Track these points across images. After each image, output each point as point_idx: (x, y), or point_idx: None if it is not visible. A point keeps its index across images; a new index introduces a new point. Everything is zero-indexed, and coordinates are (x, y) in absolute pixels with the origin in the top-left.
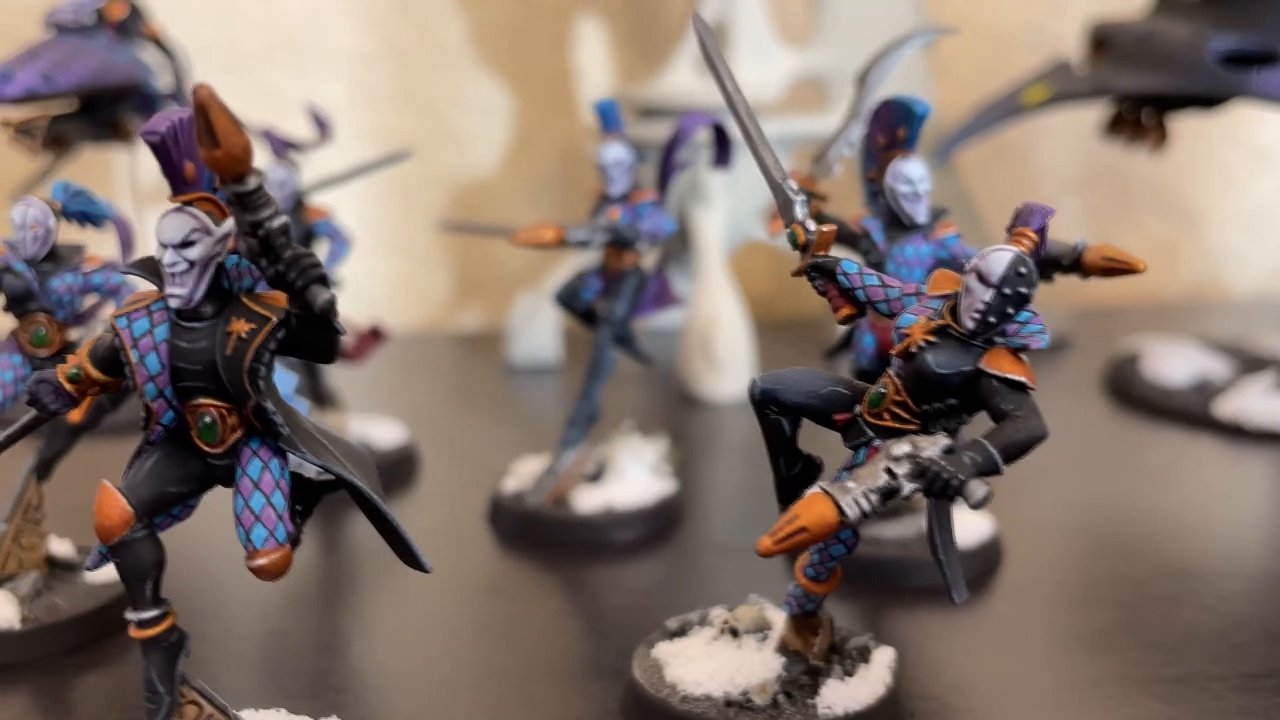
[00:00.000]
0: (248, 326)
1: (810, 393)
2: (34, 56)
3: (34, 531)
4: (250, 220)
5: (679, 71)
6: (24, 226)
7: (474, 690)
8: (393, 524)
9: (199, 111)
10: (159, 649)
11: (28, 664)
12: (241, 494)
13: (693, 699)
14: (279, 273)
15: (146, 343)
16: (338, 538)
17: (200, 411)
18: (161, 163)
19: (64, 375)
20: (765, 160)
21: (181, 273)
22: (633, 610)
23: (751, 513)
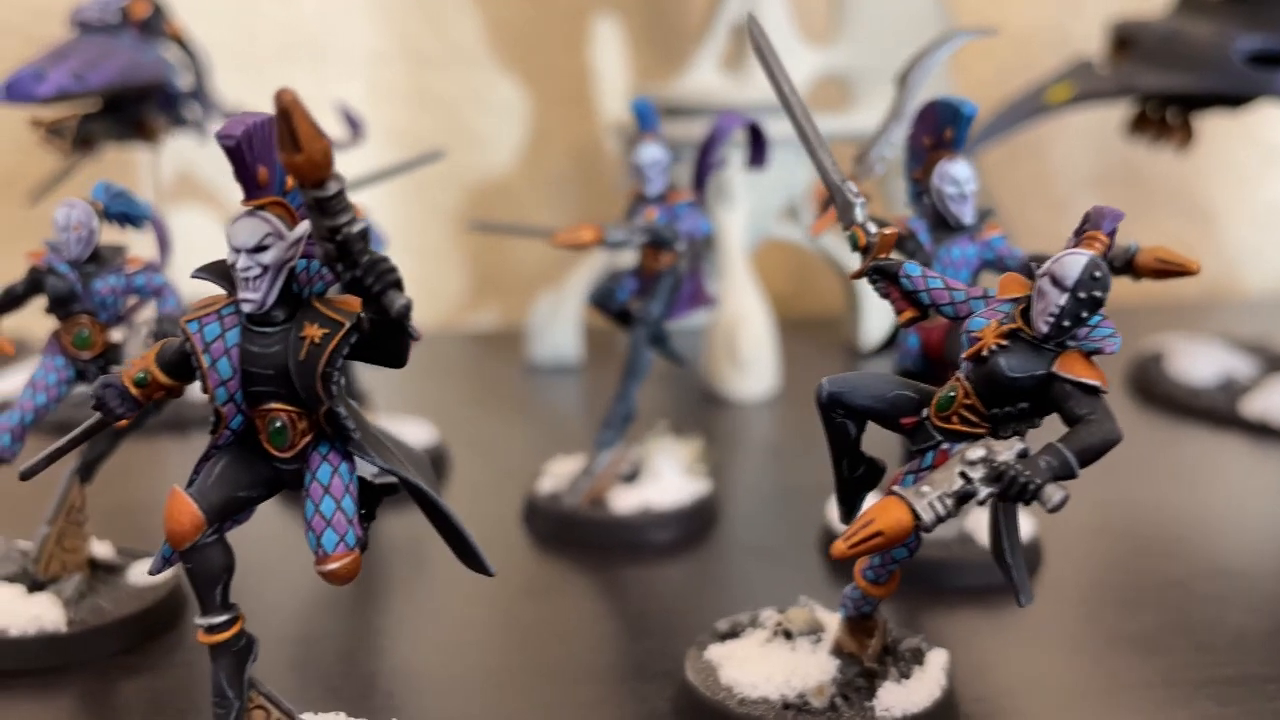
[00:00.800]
0: (321, 331)
1: (878, 396)
2: (63, 56)
3: (77, 534)
4: (329, 225)
5: (702, 70)
6: (67, 228)
7: (525, 692)
8: (457, 527)
9: (281, 116)
10: (228, 654)
11: (74, 667)
12: (311, 499)
13: (750, 701)
14: (355, 278)
15: (218, 347)
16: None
17: (271, 416)
18: (235, 166)
19: (130, 379)
20: (824, 162)
21: (255, 277)
22: (674, 611)
23: (783, 513)
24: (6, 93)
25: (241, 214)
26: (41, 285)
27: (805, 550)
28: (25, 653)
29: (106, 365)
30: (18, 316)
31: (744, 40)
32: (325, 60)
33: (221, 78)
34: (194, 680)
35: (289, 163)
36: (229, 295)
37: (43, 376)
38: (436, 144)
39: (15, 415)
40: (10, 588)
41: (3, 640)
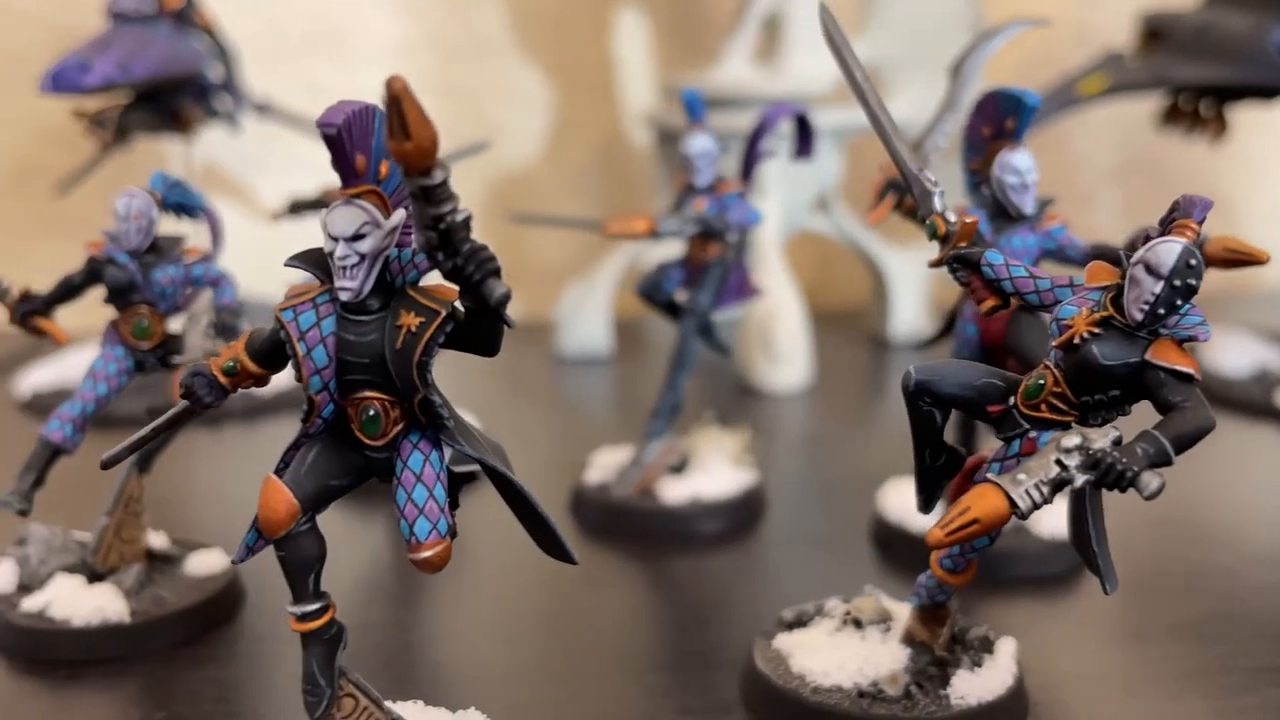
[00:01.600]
0: (417, 320)
1: (966, 384)
2: (106, 46)
3: (135, 524)
4: (434, 214)
5: (733, 62)
6: (127, 218)
7: (596, 681)
8: (542, 515)
9: (392, 103)
10: (320, 642)
11: (137, 657)
12: (404, 487)
13: (824, 690)
14: (456, 266)
15: (314, 336)
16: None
17: (364, 404)
18: (334, 154)
19: (219, 368)
20: (900, 152)
21: (352, 266)
22: (731, 602)
23: (829, 503)
24: (53, 83)
25: (338, 203)
26: (100, 275)
27: (855, 540)
28: (89, 643)
29: (165, 355)
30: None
31: (775, 32)
32: (349, 51)
33: (246, 68)
34: (256, 670)
35: (398, 150)
36: (322, 283)
37: (103, 367)
38: (461, 136)
39: (76, 406)
40: (70, 579)
41: (67, 631)
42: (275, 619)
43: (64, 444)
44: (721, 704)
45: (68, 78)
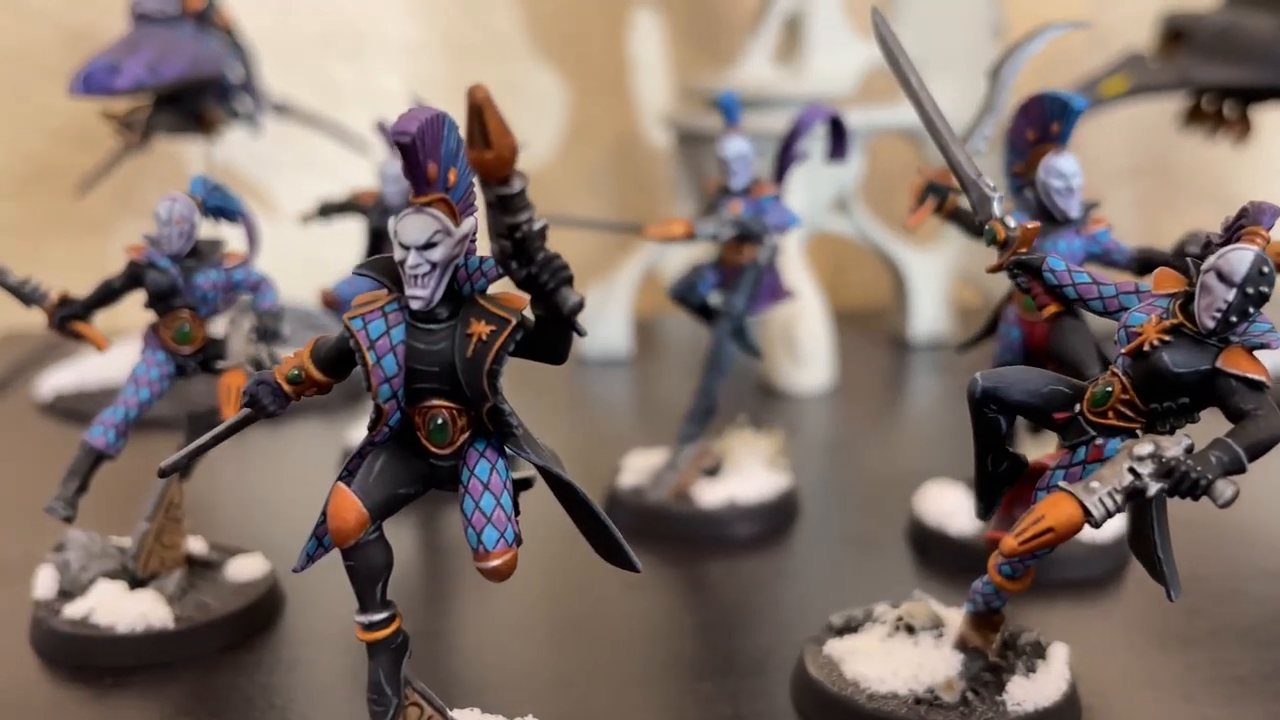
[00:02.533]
0: (488, 328)
1: (1033, 391)
2: (134, 48)
3: (175, 530)
4: (510, 223)
5: (753, 63)
6: (169, 222)
7: (644, 686)
8: (604, 522)
9: (473, 112)
10: (386, 651)
11: (181, 663)
12: (471, 495)
13: (879, 697)
14: (531, 274)
15: (384, 344)
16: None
17: (432, 413)
18: (407, 162)
19: (283, 376)
20: (957, 157)
21: (424, 274)
22: (772, 606)
23: (863, 506)
24: (83, 85)
25: (409, 211)
26: (141, 280)
27: (892, 543)
28: (134, 650)
29: (207, 360)
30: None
31: (796, 33)
32: (364, 51)
33: (261, 69)
34: (301, 675)
35: (478, 159)
36: (390, 292)
37: (145, 372)
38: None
39: (120, 411)
40: (112, 585)
41: (111, 637)
42: (315, 623)
43: (107, 449)
44: (773, 710)
45: (98, 80)
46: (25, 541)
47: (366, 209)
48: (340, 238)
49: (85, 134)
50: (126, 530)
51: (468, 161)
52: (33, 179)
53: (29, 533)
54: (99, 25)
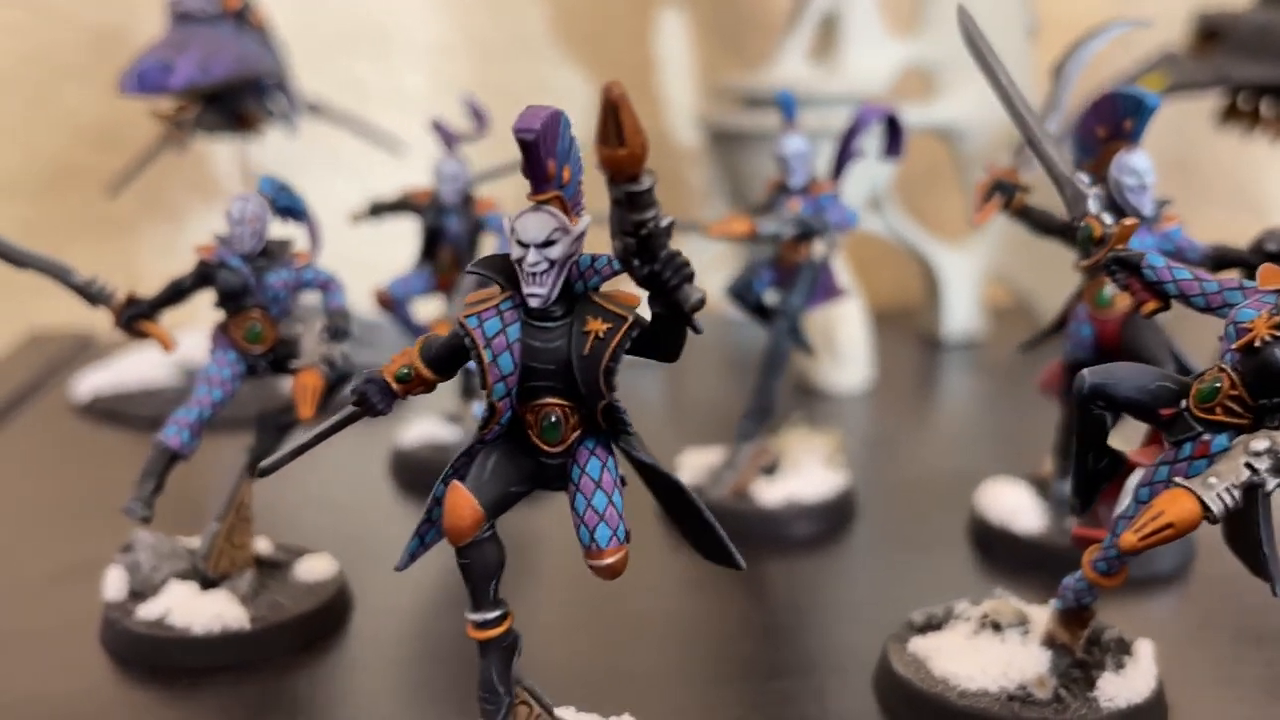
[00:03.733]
0: (605, 326)
1: (1141, 388)
2: (182, 47)
3: (245, 530)
4: (636, 220)
5: (788, 61)
6: (242, 221)
7: (727, 685)
8: (709, 521)
9: (608, 109)
10: (498, 649)
11: (257, 664)
12: (583, 493)
13: (971, 694)
14: (654, 271)
15: (500, 342)
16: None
17: (545, 411)
18: (529, 160)
19: (392, 374)
20: (1049, 155)
21: (542, 272)
22: (838, 604)
23: (917, 504)
24: (137, 83)
25: (527, 209)
26: (211, 279)
27: (953, 541)
28: (210, 650)
29: (279, 359)
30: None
31: (831, 31)
32: (389, 51)
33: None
34: (371, 677)
35: (610, 156)
36: (503, 290)
37: (217, 372)
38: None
39: (194, 411)
40: (184, 585)
41: (187, 638)
42: (384, 622)
43: (181, 449)
44: (858, 709)
45: (152, 78)
46: (83, 544)
47: (421, 208)
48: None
49: (108, 135)
50: (179, 530)
51: (599, 158)
52: (55, 180)
53: (87, 535)
54: (121, 26)
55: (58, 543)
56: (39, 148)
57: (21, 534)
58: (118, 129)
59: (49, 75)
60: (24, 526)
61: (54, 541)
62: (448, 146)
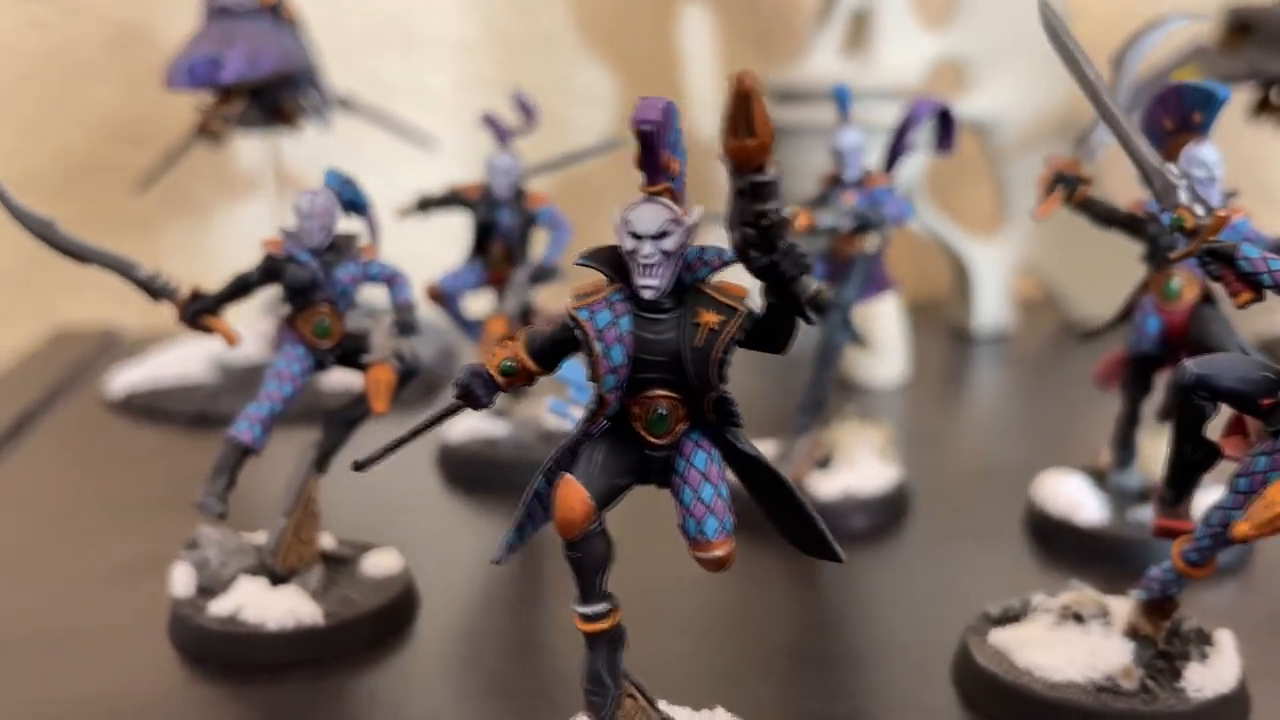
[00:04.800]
0: (717, 318)
1: (1242, 378)
2: (229, 42)
3: (313, 525)
4: (758, 210)
5: (821, 56)
6: (311, 215)
7: (808, 677)
8: (810, 514)
9: (740, 100)
10: (605, 642)
11: (330, 659)
12: (689, 485)
13: (1059, 685)
14: (772, 263)
15: (611, 334)
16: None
17: (653, 403)
18: (646, 151)
19: (496, 367)
20: (1138, 147)
21: (656, 264)
22: (904, 597)
23: (969, 496)
24: (188, 78)
25: (641, 200)
26: (279, 274)
27: (1009, 533)
28: (286, 646)
29: (346, 354)
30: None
31: (862, 25)
32: (413, 48)
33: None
34: (443, 673)
35: (739, 147)
36: (611, 282)
37: (287, 367)
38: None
39: (265, 407)
40: (254, 581)
41: (262, 634)
42: (448, 618)
43: (254, 445)
44: (939, 701)
45: (201, 72)
46: (139, 540)
47: (472, 202)
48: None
49: (131, 130)
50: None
51: (727, 149)
52: (78, 176)
53: (142, 532)
54: (144, 21)
55: (113, 540)
56: (62, 143)
57: (74, 531)
58: (141, 124)
59: (72, 71)
60: (75, 524)
61: (109, 538)
62: (500, 141)
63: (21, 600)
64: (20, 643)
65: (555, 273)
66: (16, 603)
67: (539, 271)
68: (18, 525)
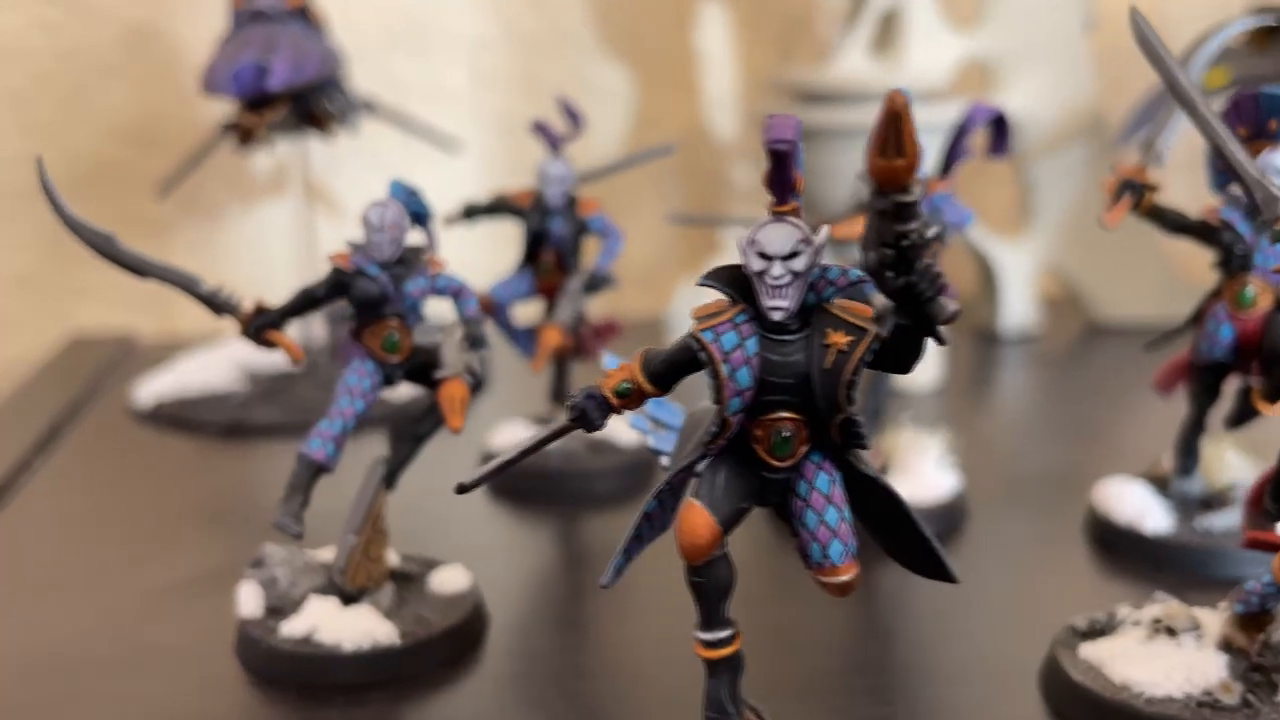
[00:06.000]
0: (847, 339)
1: None
2: (271, 48)
3: (381, 542)
4: (900, 230)
5: (850, 57)
6: (381, 228)
7: (892, 694)
8: (924, 534)
9: (891, 119)
10: (728, 668)
11: (407, 680)
12: (813, 509)
13: (1158, 701)
14: (910, 283)
15: (738, 356)
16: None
17: (777, 426)
18: (780, 170)
19: (611, 389)
20: (1238, 157)
21: (786, 285)
22: (976, 608)
23: (1023, 504)
24: (236, 85)
25: (769, 220)
26: (346, 288)
27: (1070, 540)
28: (362, 668)
29: (415, 368)
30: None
31: (892, 26)
32: (428, 46)
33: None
34: (519, 692)
35: (888, 167)
36: (734, 302)
37: (358, 382)
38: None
39: (337, 424)
40: (325, 601)
41: (340, 656)
42: (521, 637)
43: (327, 462)
44: (1026, 715)
45: (248, 79)
46: (193, 557)
47: (524, 210)
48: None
49: (144, 133)
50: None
51: (873, 168)
52: (90, 178)
53: (193, 548)
54: (157, 23)
55: (165, 556)
56: (74, 145)
57: (123, 548)
58: (153, 126)
59: (84, 72)
60: (123, 540)
61: (160, 555)
62: (553, 148)
63: (83, 620)
64: (85, 664)
65: (609, 281)
66: (79, 622)
67: (592, 280)
68: (65, 541)
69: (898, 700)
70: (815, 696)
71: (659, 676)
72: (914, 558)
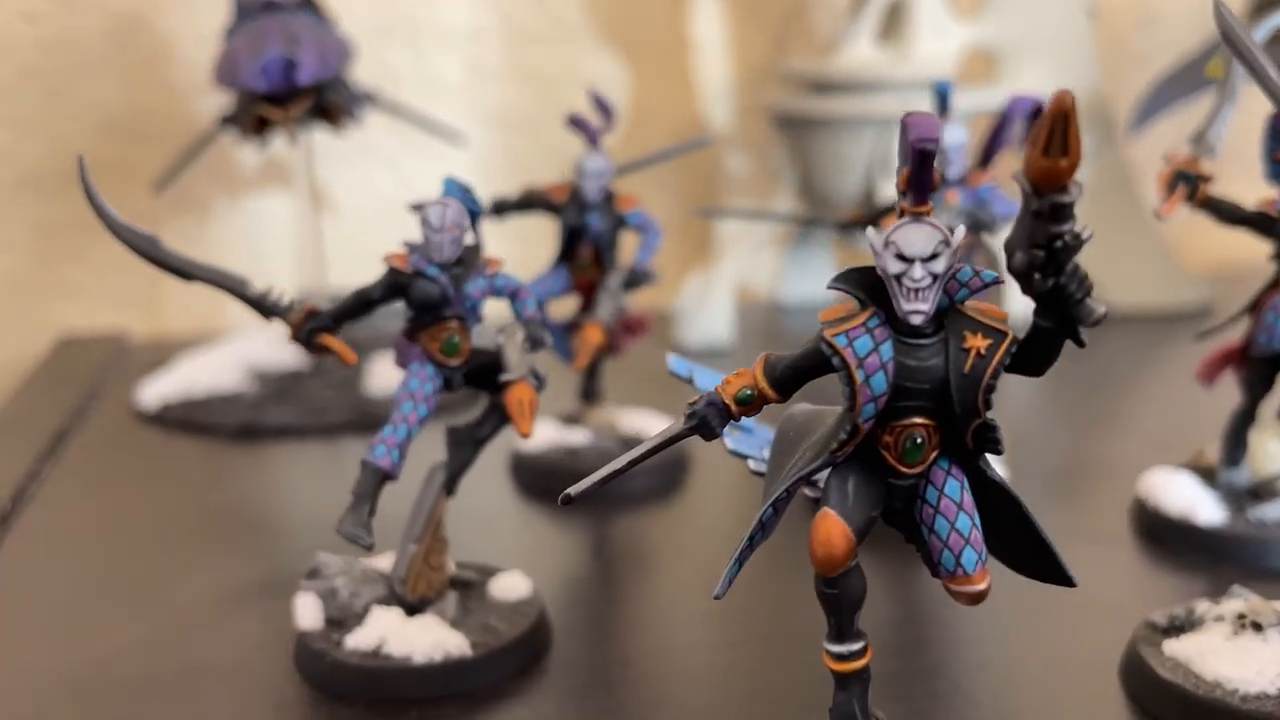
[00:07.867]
0: (985, 342)
1: None
2: (294, 41)
3: (442, 550)
4: (1054, 231)
5: (857, 46)
6: (441, 229)
7: (974, 696)
8: (1044, 539)
9: (1058, 119)
10: (859, 681)
11: (481, 692)
12: (944, 516)
13: (1253, 698)
14: (1059, 285)
15: (873, 362)
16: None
17: (909, 431)
18: (923, 170)
19: (731, 396)
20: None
21: (926, 287)
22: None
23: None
24: (265, 80)
25: (907, 222)
26: (405, 289)
27: (1118, 533)
28: (435, 680)
29: (474, 371)
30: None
31: (898, 16)
32: (422, 36)
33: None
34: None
35: (1050, 167)
36: (864, 306)
37: (419, 387)
38: (536, 121)
39: (401, 430)
40: (389, 611)
41: (411, 669)
42: (580, 642)
43: (392, 470)
44: (1111, 712)
45: (276, 73)
46: (230, 566)
47: (560, 206)
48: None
49: (131, 126)
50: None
51: (1036, 168)
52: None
53: (233, 556)
54: (145, 14)
55: (201, 565)
56: (61, 139)
57: (156, 558)
58: (141, 120)
59: (71, 64)
60: (154, 550)
61: (196, 564)
62: (591, 143)
63: (125, 636)
64: (136, 683)
65: (649, 277)
66: (121, 639)
67: (632, 276)
68: (89, 553)
69: (984, 702)
70: (900, 701)
71: (727, 680)
72: (1028, 561)
